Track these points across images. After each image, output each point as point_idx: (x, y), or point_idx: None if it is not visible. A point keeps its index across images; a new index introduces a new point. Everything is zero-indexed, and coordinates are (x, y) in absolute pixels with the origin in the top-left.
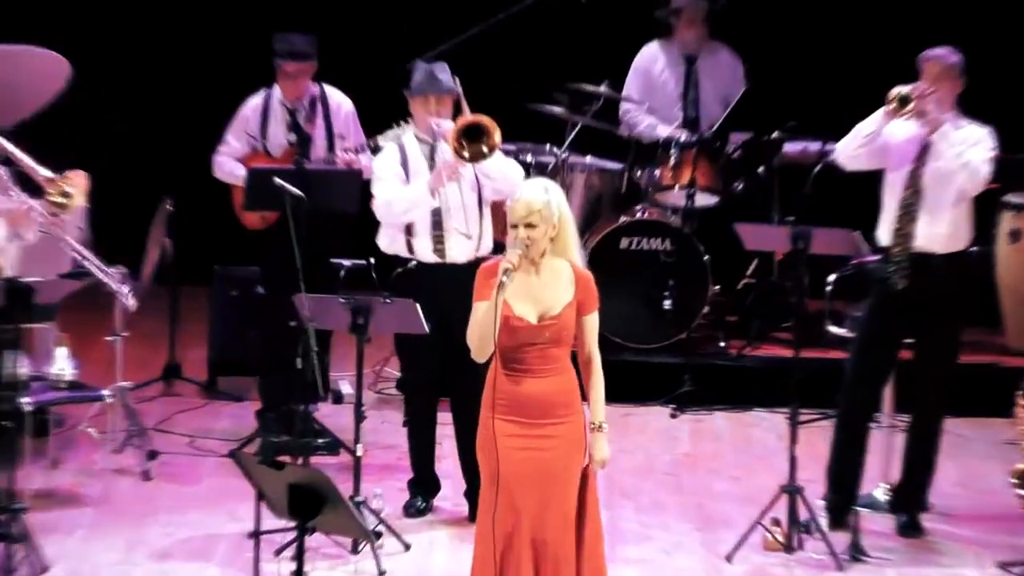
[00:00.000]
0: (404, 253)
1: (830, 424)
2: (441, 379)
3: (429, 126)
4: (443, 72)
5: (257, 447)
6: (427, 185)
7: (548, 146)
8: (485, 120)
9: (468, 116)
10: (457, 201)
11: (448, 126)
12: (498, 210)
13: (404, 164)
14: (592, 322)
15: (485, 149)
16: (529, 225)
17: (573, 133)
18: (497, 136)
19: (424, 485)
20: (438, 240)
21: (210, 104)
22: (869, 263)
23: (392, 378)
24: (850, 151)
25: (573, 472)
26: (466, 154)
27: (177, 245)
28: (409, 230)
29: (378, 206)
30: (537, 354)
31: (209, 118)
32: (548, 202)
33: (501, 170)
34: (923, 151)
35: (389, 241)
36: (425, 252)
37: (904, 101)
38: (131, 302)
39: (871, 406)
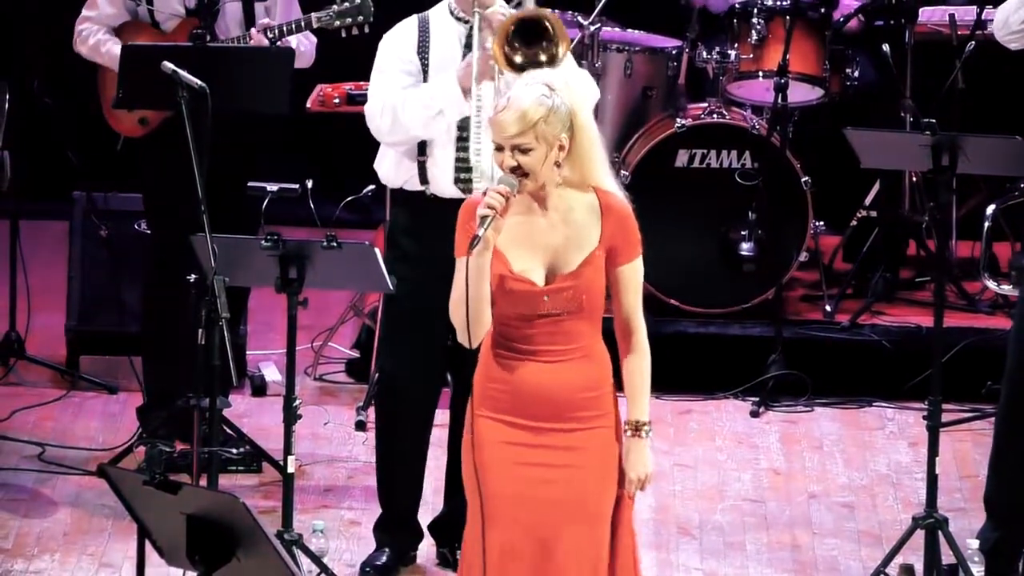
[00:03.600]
0: (414, 184)
1: (989, 427)
2: (444, 363)
3: (471, 2)
4: None
5: (139, 460)
6: (455, 79)
7: (570, 14)
8: (549, 16)
9: (528, 8)
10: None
11: (498, 7)
12: None
13: (423, 52)
14: (631, 276)
15: (544, 57)
16: (520, 149)
17: None
18: (564, 43)
19: (398, 530)
20: (465, 166)
21: None
22: None
23: (339, 358)
24: (1017, 23)
25: (604, 504)
26: (517, 59)
27: (18, 157)
28: (423, 149)
29: (374, 114)
30: (547, 329)
31: None
32: (551, 110)
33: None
34: None
35: (392, 167)
36: (445, 182)
37: None
38: None
39: None
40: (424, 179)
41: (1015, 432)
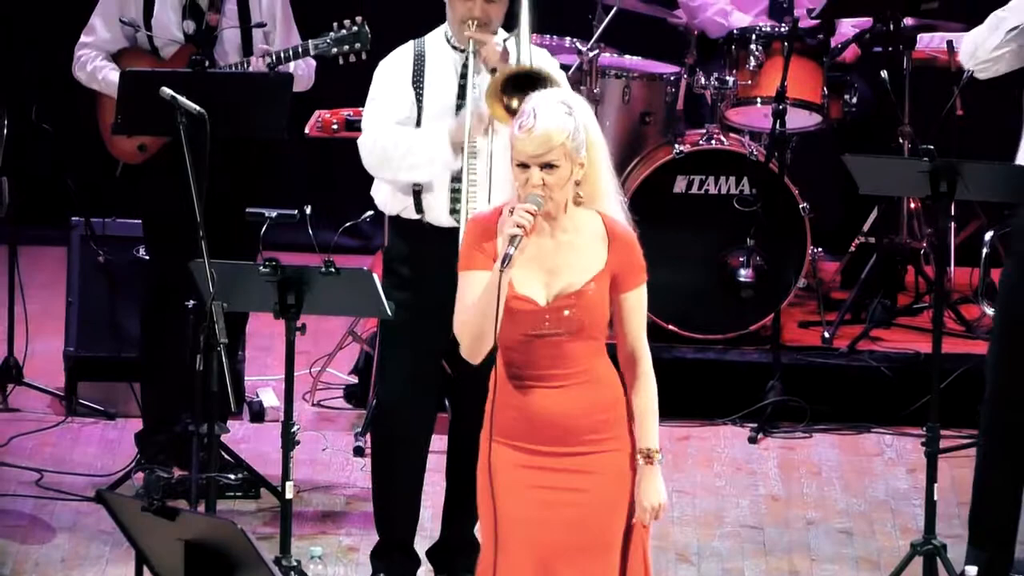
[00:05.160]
0: (411, 213)
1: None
2: (441, 389)
3: (467, 36)
4: None
5: (138, 486)
6: (448, 135)
7: (568, 40)
8: (544, 70)
9: (521, 64)
10: (489, 148)
11: (494, 46)
12: None
13: (418, 80)
14: (635, 303)
15: None
16: (548, 165)
17: (606, 21)
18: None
19: (396, 556)
20: (461, 196)
21: None
22: None
23: (337, 384)
24: (985, 53)
25: (614, 530)
26: (514, 103)
27: (17, 183)
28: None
29: (366, 148)
30: (549, 352)
31: None
32: (576, 129)
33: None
34: None
35: (389, 195)
36: (440, 212)
37: None
38: None
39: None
40: (419, 208)
41: (988, 457)
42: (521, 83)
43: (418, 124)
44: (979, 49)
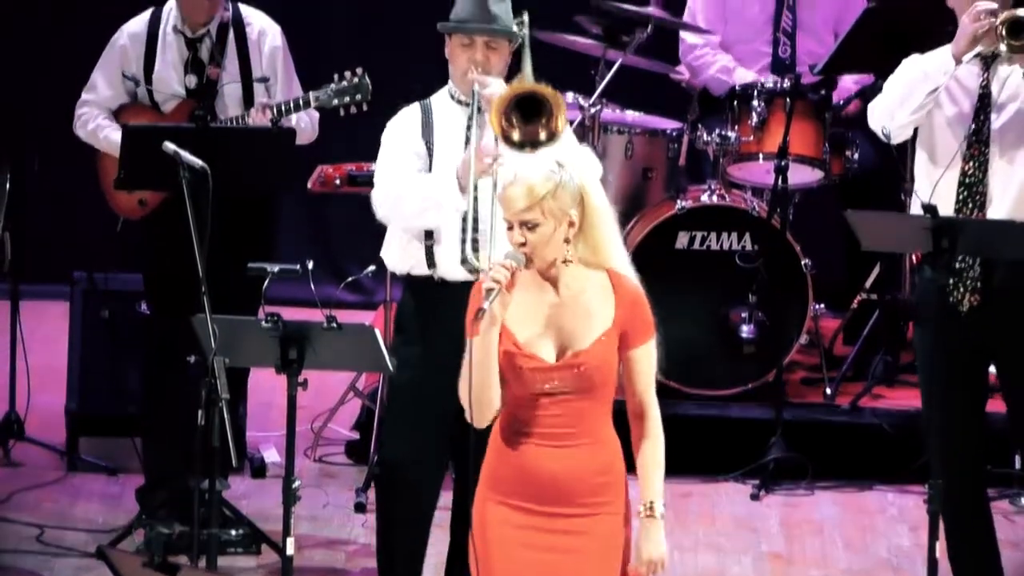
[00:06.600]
0: (421, 269)
1: (1000, 507)
2: (448, 448)
3: (470, 83)
4: (502, 2)
5: (139, 542)
6: (455, 177)
7: (571, 95)
8: (547, 92)
9: (524, 83)
10: (492, 198)
11: (496, 88)
12: None
13: (427, 135)
14: (644, 358)
15: (543, 135)
16: (528, 225)
17: (608, 76)
18: (562, 117)
19: None
20: (472, 247)
21: (74, 29)
22: None
23: (339, 440)
24: (904, 118)
25: None
26: (515, 136)
27: (18, 237)
28: (429, 234)
29: (379, 202)
30: (556, 410)
31: (72, 49)
32: (559, 185)
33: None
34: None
35: (399, 251)
36: (451, 264)
37: (1018, 30)
38: None
39: (971, 476)
40: (431, 263)
41: (945, 509)
42: (526, 110)
43: None
44: (897, 113)
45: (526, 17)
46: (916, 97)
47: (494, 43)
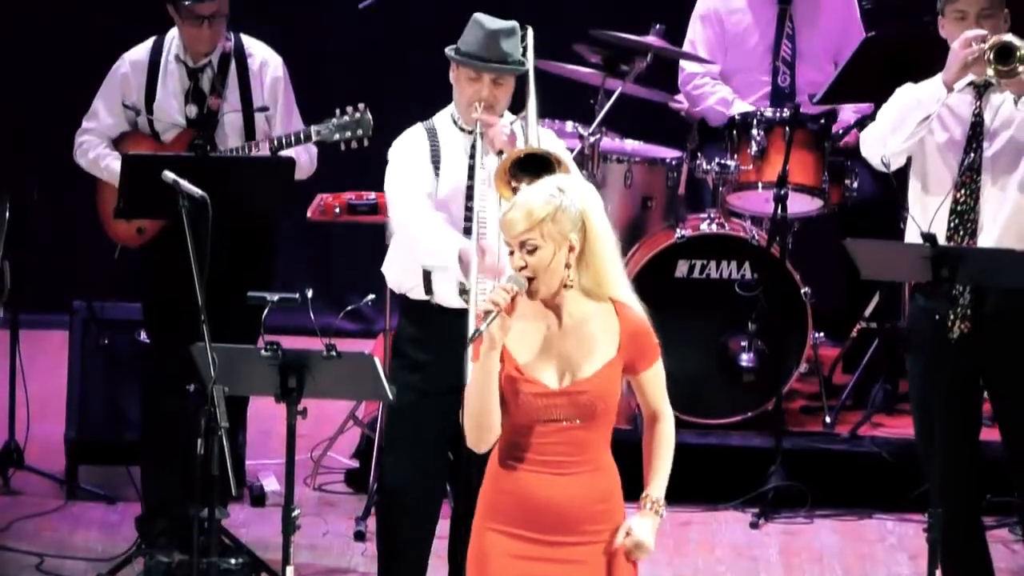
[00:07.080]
0: (419, 293)
1: (991, 540)
2: (447, 474)
3: (475, 120)
4: (511, 37)
5: (138, 571)
6: (458, 249)
7: (570, 124)
8: (552, 154)
9: (529, 146)
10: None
11: (502, 128)
12: None
13: (435, 156)
14: (653, 377)
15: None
16: (527, 247)
17: (608, 105)
18: (565, 166)
19: None
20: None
21: (75, 58)
22: None
23: (338, 468)
24: (897, 146)
25: None
26: (523, 187)
27: (17, 266)
28: None
29: (396, 227)
30: (558, 438)
31: (72, 79)
32: (559, 208)
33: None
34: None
35: (400, 272)
36: (448, 293)
37: (1006, 55)
38: None
39: (965, 503)
40: (428, 289)
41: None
42: (528, 166)
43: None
44: (890, 140)
45: (530, 33)
46: (908, 125)
47: (501, 79)
